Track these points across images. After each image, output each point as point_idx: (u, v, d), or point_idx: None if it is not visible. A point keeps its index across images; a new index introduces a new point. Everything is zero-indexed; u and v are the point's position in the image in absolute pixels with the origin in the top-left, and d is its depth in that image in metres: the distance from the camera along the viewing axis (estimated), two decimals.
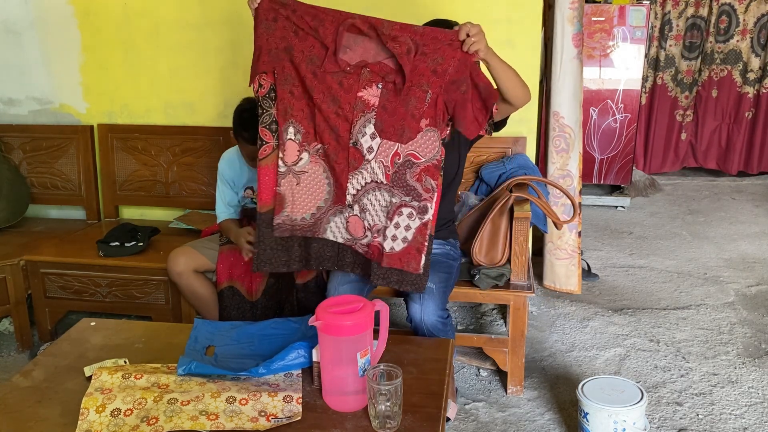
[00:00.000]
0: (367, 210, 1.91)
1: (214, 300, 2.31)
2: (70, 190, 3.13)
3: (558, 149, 2.86)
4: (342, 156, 1.89)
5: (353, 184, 1.90)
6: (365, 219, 1.91)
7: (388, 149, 1.86)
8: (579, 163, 2.88)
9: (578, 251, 2.93)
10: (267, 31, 1.84)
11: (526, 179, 2.46)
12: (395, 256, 1.88)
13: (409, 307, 2.02)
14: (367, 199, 1.90)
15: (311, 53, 1.84)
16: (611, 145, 4.58)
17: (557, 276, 2.98)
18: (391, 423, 1.37)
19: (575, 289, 2.97)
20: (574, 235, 2.92)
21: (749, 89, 4.99)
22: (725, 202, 4.68)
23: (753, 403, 2.28)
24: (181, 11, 2.92)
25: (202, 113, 3.04)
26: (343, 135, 1.88)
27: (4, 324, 2.89)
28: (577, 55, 2.77)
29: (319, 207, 1.95)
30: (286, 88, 1.88)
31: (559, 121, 2.84)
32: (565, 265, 2.95)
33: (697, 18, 4.92)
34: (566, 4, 2.73)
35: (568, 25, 2.74)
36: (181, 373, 1.54)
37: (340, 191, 1.92)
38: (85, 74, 3.10)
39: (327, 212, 1.95)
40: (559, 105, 2.83)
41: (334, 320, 1.42)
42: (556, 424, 2.20)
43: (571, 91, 2.81)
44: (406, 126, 1.83)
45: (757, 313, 2.95)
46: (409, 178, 1.86)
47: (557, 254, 2.95)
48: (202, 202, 2.99)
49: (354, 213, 1.92)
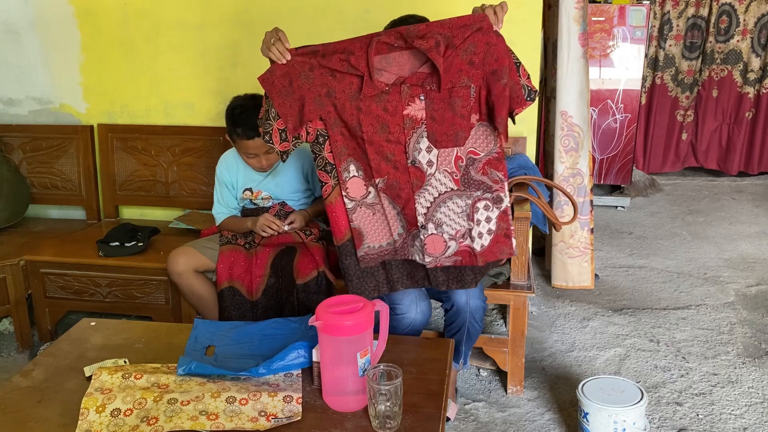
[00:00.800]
0: (443, 223, 1.90)
1: (214, 300, 2.31)
2: (70, 190, 3.13)
3: (567, 148, 2.87)
4: (404, 180, 1.88)
5: (421, 203, 1.90)
6: (444, 232, 1.91)
7: (448, 156, 1.86)
8: (589, 162, 2.89)
9: (591, 248, 2.94)
10: (307, 82, 1.83)
11: (526, 179, 2.46)
12: (487, 251, 1.91)
13: (453, 293, 2.03)
14: (441, 213, 1.90)
15: (351, 90, 1.83)
16: (611, 145, 4.58)
17: (569, 274, 2.99)
18: (391, 423, 1.37)
19: (589, 284, 2.98)
20: (587, 233, 2.93)
21: (749, 89, 4.99)
22: (725, 202, 4.68)
23: (753, 403, 2.28)
24: (181, 11, 2.92)
25: (202, 113, 3.04)
26: (400, 158, 1.87)
27: (4, 324, 2.89)
28: (583, 54, 2.78)
29: (400, 233, 1.95)
30: (337, 131, 1.88)
31: (567, 120, 2.85)
32: (578, 262, 2.96)
33: (698, 18, 4.92)
34: (572, 3, 2.74)
35: (574, 25, 2.75)
36: (181, 373, 1.54)
37: (411, 216, 1.91)
38: (85, 74, 3.10)
39: (408, 237, 1.95)
40: (567, 104, 2.85)
41: (334, 320, 1.42)
42: (556, 424, 2.20)
43: (578, 91, 2.83)
44: (458, 128, 1.83)
45: (757, 313, 2.95)
46: (474, 174, 1.87)
47: (569, 253, 2.96)
48: (202, 202, 2.99)
49: (429, 233, 1.91)
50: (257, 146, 2.29)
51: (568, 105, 2.84)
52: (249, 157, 2.35)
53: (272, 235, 2.35)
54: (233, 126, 2.29)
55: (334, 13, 2.79)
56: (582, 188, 2.89)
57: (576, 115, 2.84)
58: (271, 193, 2.47)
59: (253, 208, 2.49)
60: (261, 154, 2.33)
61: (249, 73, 2.91)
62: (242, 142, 2.30)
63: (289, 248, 2.33)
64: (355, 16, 2.77)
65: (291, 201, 2.49)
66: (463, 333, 2.09)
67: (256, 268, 2.28)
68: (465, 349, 2.17)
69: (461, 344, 2.13)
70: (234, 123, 2.28)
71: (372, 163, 1.87)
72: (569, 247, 2.95)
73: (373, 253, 1.95)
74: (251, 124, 2.23)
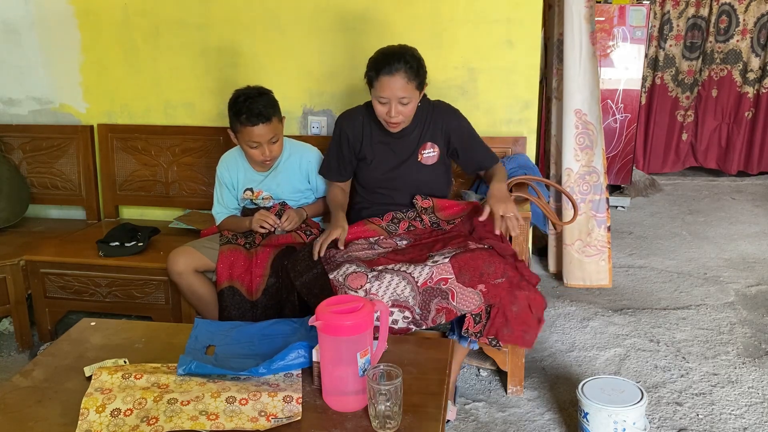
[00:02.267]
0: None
1: (214, 300, 2.31)
2: (70, 190, 3.13)
3: (582, 146, 2.88)
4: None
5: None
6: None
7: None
8: (603, 159, 2.90)
9: (608, 245, 2.95)
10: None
11: (526, 179, 2.46)
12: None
13: None
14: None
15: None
16: (611, 145, 4.58)
17: (587, 273, 3.00)
18: (391, 423, 1.37)
19: (606, 283, 2.99)
20: (604, 230, 2.94)
21: (749, 89, 4.99)
22: (725, 202, 4.68)
23: (753, 403, 2.28)
24: (181, 11, 2.92)
25: (202, 113, 3.04)
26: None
27: (4, 324, 2.89)
28: (594, 53, 2.80)
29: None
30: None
31: (582, 118, 2.86)
32: (596, 261, 2.97)
33: (698, 18, 4.92)
34: (582, 2, 2.74)
35: (585, 24, 2.77)
36: (181, 373, 1.54)
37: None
38: (85, 74, 3.10)
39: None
40: (581, 103, 2.86)
41: (334, 320, 1.42)
42: (556, 424, 2.20)
43: (591, 89, 2.85)
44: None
45: (757, 313, 2.94)
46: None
47: (587, 251, 2.97)
48: (202, 202, 2.99)
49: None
50: (261, 134, 2.28)
51: (582, 103, 2.86)
52: (252, 147, 2.33)
53: (271, 234, 2.35)
54: (237, 114, 2.27)
55: (335, 13, 2.79)
56: (598, 186, 2.91)
57: (590, 113, 2.87)
58: (271, 192, 2.47)
59: (253, 208, 2.48)
60: (265, 143, 2.31)
61: (249, 73, 2.92)
62: (246, 130, 2.28)
63: (289, 248, 2.33)
64: (355, 15, 2.77)
65: (291, 201, 2.49)
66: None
67: (257, 267, 2.28)
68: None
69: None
70: (237, 111, 2.26)
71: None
72: (587, 246, 2.96)
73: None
74: (255, 111, 2.23)
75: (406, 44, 2.18)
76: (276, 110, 2.32)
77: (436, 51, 2.71)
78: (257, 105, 2.25)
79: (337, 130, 2.36)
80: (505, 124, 2.78)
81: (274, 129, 2.31)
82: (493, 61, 2.70)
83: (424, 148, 2.30)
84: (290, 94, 2.87)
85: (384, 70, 2.09)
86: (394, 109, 2.14)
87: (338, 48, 2.83)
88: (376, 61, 2.13)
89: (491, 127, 2.78)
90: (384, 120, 2.20)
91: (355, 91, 2.82)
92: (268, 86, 2.37)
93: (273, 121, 2.29)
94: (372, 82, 2.15)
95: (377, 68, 2.11)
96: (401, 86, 2.09)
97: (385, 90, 2.11)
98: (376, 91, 2.14)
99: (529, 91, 2.74)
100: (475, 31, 2.70)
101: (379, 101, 2.15)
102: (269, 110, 2.28)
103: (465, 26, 2.71)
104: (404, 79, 2.09)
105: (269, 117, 2.27)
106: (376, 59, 2.14)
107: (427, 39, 2.71)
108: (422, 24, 2.72)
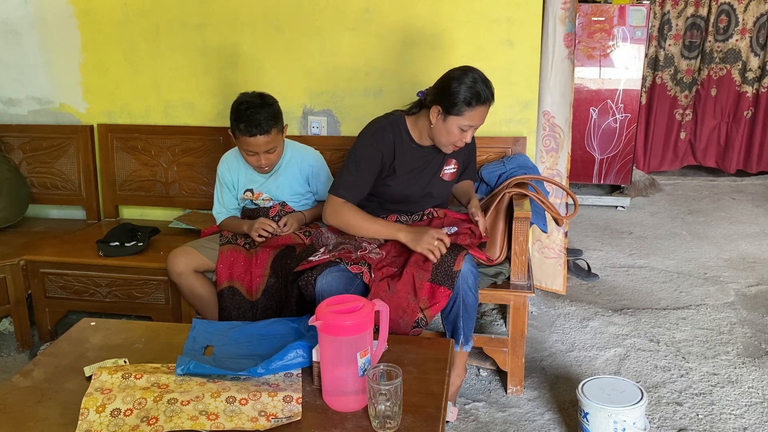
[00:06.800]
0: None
1: (214, 300, 2.31)
2: (70, 190, 3.13)
3: (548, 148, 2.87)
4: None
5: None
6: None
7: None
8: (567, 163, 2.89)
9: (564, 252, 2.94)
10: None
11: (525, 179, 2.46)
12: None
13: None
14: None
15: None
16: (611, 145, 4.58)
17: (544, 274, 2.98)
18: (391, 423, 1.37)
19: (560, 289, 2.97)
20: (561, 235, 2.92)
21: (748, 88, 4.99)
22: (725, 202, 4.68)
23: (753, 403, 2.28)
24: (181, 11, 2.92)
25: (202, 113, 3.04)
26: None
27: (4, 324, 2.89)
28: (568, 55, 2.75)
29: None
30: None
31: (549, 120, 2.85)
32: (553, 264, 2.96)
33: (697, 17, 4.92)
34: (558, 4, 2.72)
35: (559, 25, 2.74)
36: (179, 373, 1.54)
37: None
38: (85, 74, 3.10)
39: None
40: (549, 104, 2.84)
41: (334, 320, 1.42)
42: (556, 424, 2.20)
43: (561, 91, 2.81)
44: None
45: (757, 313, 2.95)
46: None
47: (546, 252, 2.96)
48: (202, 202, 2.99)
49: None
50: (258, 144, 2.29)
51: (551, 105, 2.83)
52: (249, 154, 2.35)
53: (269, 238, 2.35)
54: (237, 121, 2.28)
55: (334, 13, 2.79)
56: (559, 189, 2.88)
57: (558, 115, 2.83)
58: (271, 194, 2.47)
59: (253, 209, 2.49)
60: (261, 153, 2.32)
61: (249, 73, 2.92)
62: (243, 139, 2.29)
63: (289, 248, 2.33)
64: (355, 15, 2.77)
65: (291, 202, 2.49)
66: (459, 305, 2.04)
67: (256, 268, 2.28)
68: (464, 325, 2.07)
69: (459, 319, 2.06)
70: (238, 118, 2.27)
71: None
72: (545, 247, 2.96)
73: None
74: (254, 122, 2.23)
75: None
76: (277, 122, 2.31)
77: (436, 51, 2.71)
78: (258, 116, 2.24)
79: (368, 148, 2.14)
80: (505, 124, 2.78)
81: (272, 140, 2.30)
82: (493, 61, 2.70)
83: (448, 164, 2.27)
84: (290, 94, 2.87)
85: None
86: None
87: (338, 48, 2.83)
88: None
89: (491, 127, 2.77)
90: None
91: (356, 91, 2.83)
92: (268, 86, 2.38)
93: (272, 134, 2.29)
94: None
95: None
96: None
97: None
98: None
99: (529, 91, 2.75)
100: (475, 31, 2.70)
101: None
102: (269, 122, 2.27)
103: (465, 26, 2.71)
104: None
105: (268, 130, 2.27)
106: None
107: (427, 39, 2.71)
108: (422, 24, 2.73)
